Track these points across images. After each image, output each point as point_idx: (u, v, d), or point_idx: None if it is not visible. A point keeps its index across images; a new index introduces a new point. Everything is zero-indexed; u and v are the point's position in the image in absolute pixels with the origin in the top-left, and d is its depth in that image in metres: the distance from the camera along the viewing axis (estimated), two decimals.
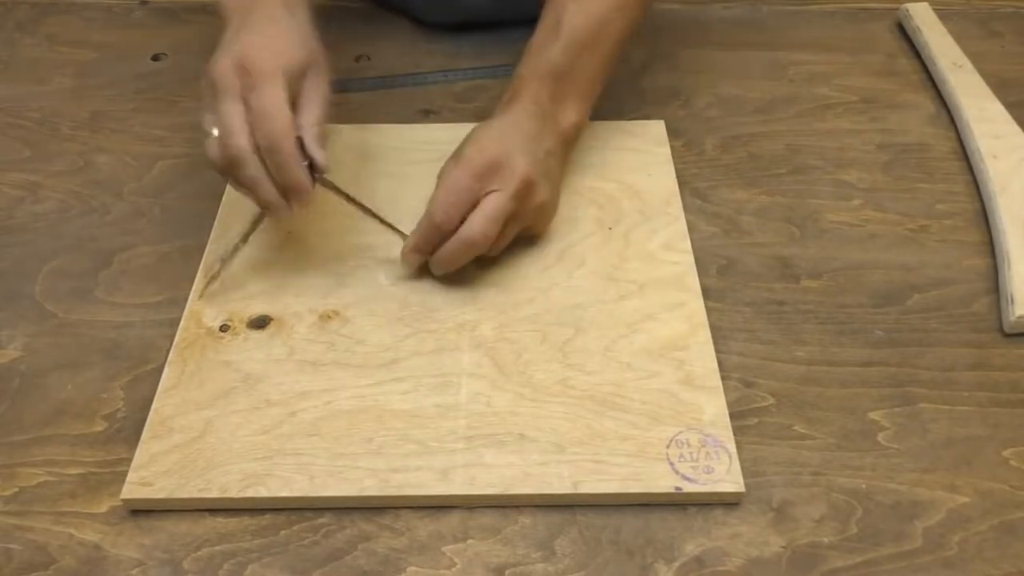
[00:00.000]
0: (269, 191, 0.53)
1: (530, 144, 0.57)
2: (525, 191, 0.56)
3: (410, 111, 0.75)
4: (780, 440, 0.52)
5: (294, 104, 0.53)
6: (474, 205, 0.55)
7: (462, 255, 0.56)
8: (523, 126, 0.58)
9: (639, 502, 0.49)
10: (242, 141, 0.52)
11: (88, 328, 0.58)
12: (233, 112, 0.52)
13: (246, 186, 0.53)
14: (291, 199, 0.53)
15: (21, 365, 0.56)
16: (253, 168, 0.52)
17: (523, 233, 0.60)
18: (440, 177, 0.57)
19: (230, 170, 0.53)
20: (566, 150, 0.63)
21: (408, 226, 0.59)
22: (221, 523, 0.48)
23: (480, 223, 0.55)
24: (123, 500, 0.48)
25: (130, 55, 0.82)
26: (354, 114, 0.75)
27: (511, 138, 0.57)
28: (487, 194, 0.55)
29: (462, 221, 0.55)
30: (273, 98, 0.51)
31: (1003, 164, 0.67)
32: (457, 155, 0.57)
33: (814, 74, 0.80)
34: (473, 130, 0.59)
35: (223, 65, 0.53)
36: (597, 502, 0.49)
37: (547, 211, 0.60)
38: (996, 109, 0.72)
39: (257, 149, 0.52)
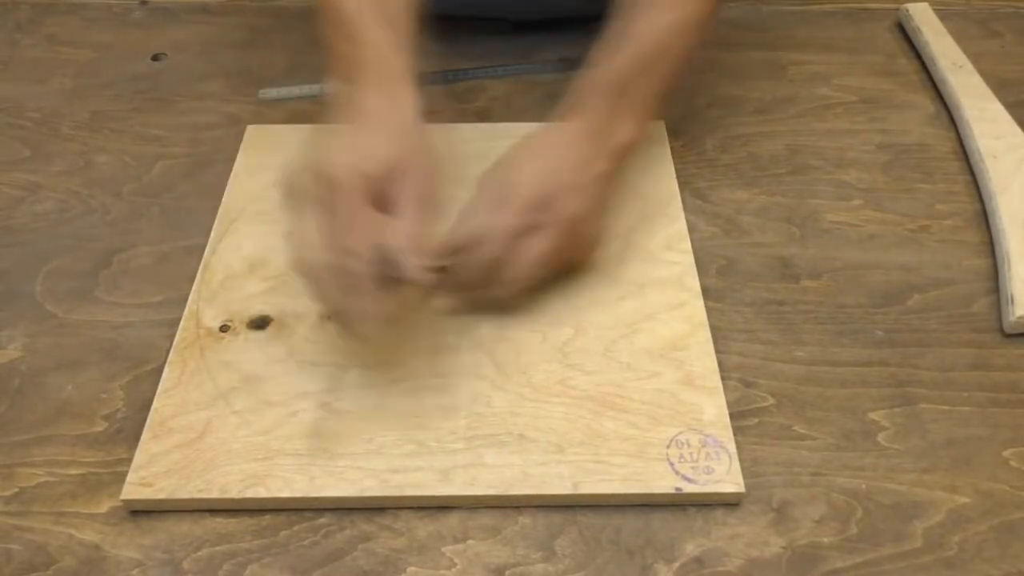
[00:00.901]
0: (341, 307, 0.49)
1: (580, 172, 0.55)
2: (571, 232, 0.54)
3: None
4: (780, 440, 0.52)
5: (385, 207, 0.48)
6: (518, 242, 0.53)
7: (501, 293, 0.54)
8: (576, 148, 0.55)
9: (639, 502, 0.49)
10: (315, 256, 0.47)
11: (88, 328, 0.58)
12: (309, 224, 0.47)
13: (318, 301, 0.50)
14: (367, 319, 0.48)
15: (21, 365, 0.56)
16: (323, 283, 0.48)
17: (566, 264, 0.57)
18: (482, 188, 0.55)
19: (303, 280, 0.49)
20: (617, 169, 0.59)
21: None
22: (221, 523, 0.48)
23: (523, 269, 0.53)
24: (123, 500, 0.48)
25: (130, 55, 0.82)
26: None
27: (562, 167, 0.54)
28: (532, 236, 0.53)
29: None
30: (347, 213, 0.47)
31: (1003, 164, 0.67)
32: (504, 176, 0.54)
33: (814, 74, 0.80)
34: (523, 144, 0.56)
35: (308, 172, 0.48)
36: (597, 502, 0.49)
37: (593, 245, 0.58)
38: (996, 109, 0.72)
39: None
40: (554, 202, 0.53)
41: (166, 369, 0.54)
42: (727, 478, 0.49)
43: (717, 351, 0.55)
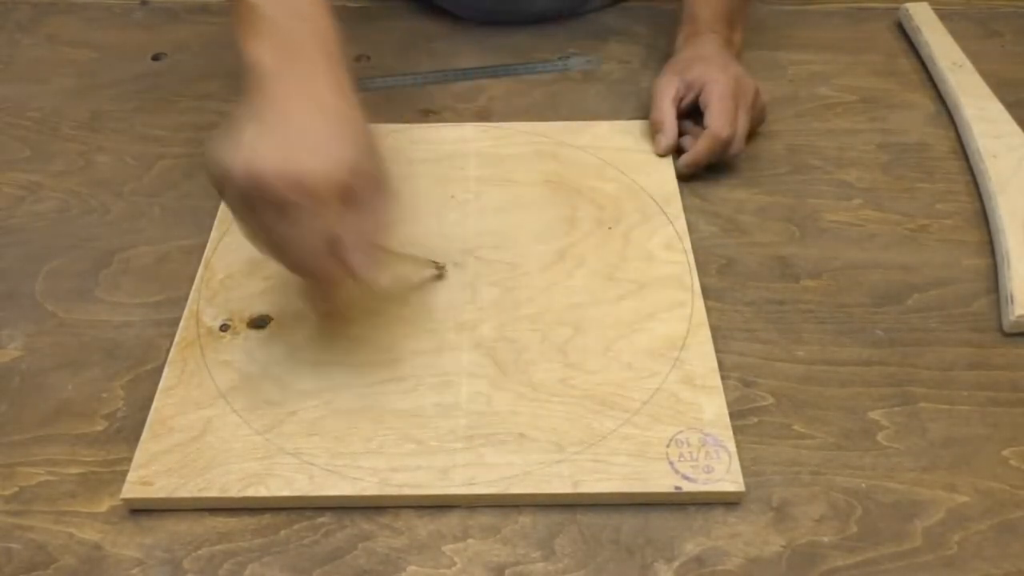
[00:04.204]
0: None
1: (736, 63, 0.72)
2: (756, 98, 0.70)
3: (410, 111, 0.75)
4: (780, 440, 0.52)
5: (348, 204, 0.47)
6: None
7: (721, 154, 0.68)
8: (724, 52, 0.72)
9: (639, 501, 0.49)
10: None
11: (88, 328, 0.58)
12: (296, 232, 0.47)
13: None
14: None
15: (21, 365, 0.56)
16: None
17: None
18: (660, 89, 0.70)
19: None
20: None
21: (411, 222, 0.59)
22: (221, 522, 0.48)
23: (740, 133, 0.68)
24: (123, 499, 0.48)
25: (130, 55, 0.82)
26: None
27: (730, 61, 0.71)
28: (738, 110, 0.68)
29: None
30: (316, 228, 0.46)
31: (1003, 164, 0.67)
32: (708, 74, 0.68)
33: (814, 74, 0.80)
34: (683, 61, 0.71)
35: (280, 177, 0.45)
36: (597, 501, 0.49)
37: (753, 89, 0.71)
38: (996, 109, 0.72)
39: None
40: (744, 83, 0.69)
41: (166, 368, 0.54)
42: (727, 477, 0.49)
43: (717, 351, 0.55)
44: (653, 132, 0.70)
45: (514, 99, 0.77)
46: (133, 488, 0.48)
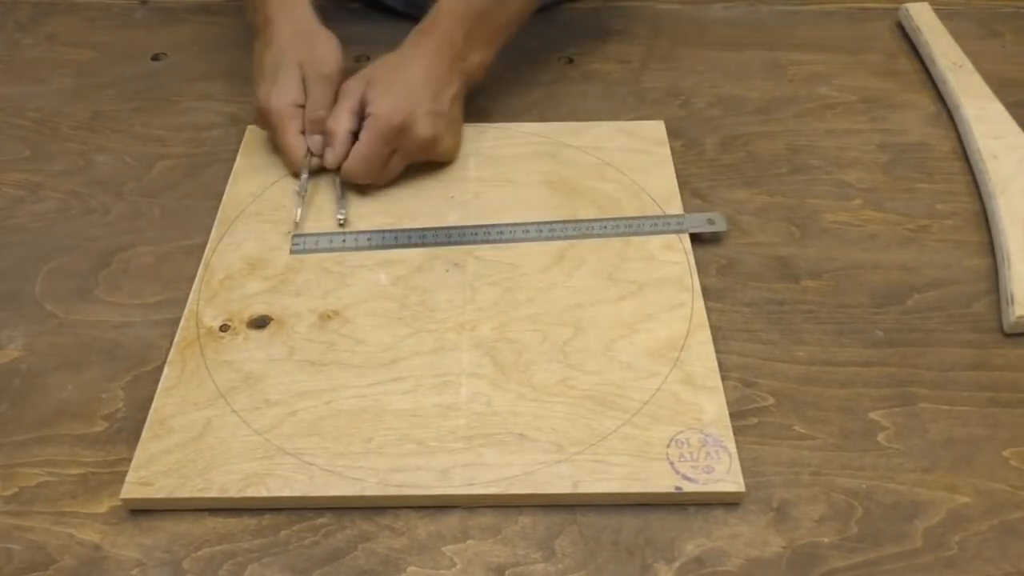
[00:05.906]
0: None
1: (436, 93, 0.64)
2: (427, 148, 0.65)
3: None
4: (780, 440, 0.52)
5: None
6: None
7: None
8: (432, 68, 0.64)
9: (639, 502, 0.49)
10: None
11: (88, 328, 0.58)
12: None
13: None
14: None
15: (21, 365, 0.56)
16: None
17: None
18: (344, 95, 0.65)
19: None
20: (469, 89, 0.69)
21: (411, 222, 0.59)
22: (221, 523, 0.48)
23: (387, 177, 0.65)
24: (123, 500, 0.48)
25: (130, 55, 0.82)
26: None
27: (420, 90, 0.63)
28: (394, 155, 0.64)
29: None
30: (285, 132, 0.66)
31: (1003, 164, 0.67)
32: (369, 108, 0.63)
33: (814, 74, 0.80)
34: (384, 65, 0.65)
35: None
36: (597, 502, 0.49)
37: (451, 151, 0.68)
38: (996, 109, 0.72)
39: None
40: (412, 127, 0.63)
41: (166, 369, 0.54)
42: (727, 477, 0.49)
43: (717, 351, 0.55)
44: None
45: (514, 99, 0.77)
46: (133, 488, 0.48)
